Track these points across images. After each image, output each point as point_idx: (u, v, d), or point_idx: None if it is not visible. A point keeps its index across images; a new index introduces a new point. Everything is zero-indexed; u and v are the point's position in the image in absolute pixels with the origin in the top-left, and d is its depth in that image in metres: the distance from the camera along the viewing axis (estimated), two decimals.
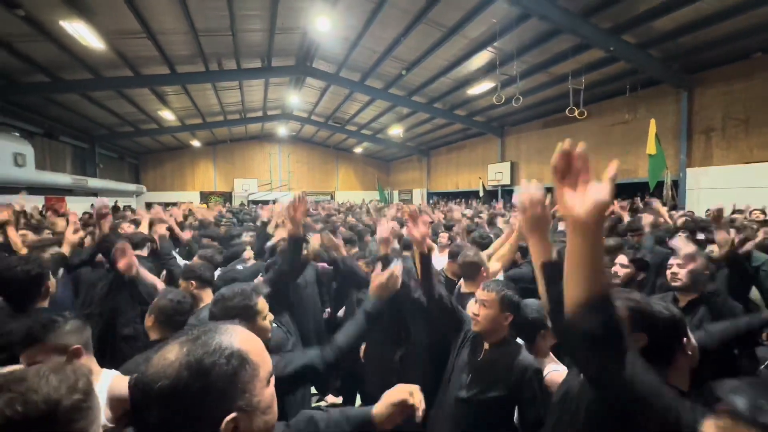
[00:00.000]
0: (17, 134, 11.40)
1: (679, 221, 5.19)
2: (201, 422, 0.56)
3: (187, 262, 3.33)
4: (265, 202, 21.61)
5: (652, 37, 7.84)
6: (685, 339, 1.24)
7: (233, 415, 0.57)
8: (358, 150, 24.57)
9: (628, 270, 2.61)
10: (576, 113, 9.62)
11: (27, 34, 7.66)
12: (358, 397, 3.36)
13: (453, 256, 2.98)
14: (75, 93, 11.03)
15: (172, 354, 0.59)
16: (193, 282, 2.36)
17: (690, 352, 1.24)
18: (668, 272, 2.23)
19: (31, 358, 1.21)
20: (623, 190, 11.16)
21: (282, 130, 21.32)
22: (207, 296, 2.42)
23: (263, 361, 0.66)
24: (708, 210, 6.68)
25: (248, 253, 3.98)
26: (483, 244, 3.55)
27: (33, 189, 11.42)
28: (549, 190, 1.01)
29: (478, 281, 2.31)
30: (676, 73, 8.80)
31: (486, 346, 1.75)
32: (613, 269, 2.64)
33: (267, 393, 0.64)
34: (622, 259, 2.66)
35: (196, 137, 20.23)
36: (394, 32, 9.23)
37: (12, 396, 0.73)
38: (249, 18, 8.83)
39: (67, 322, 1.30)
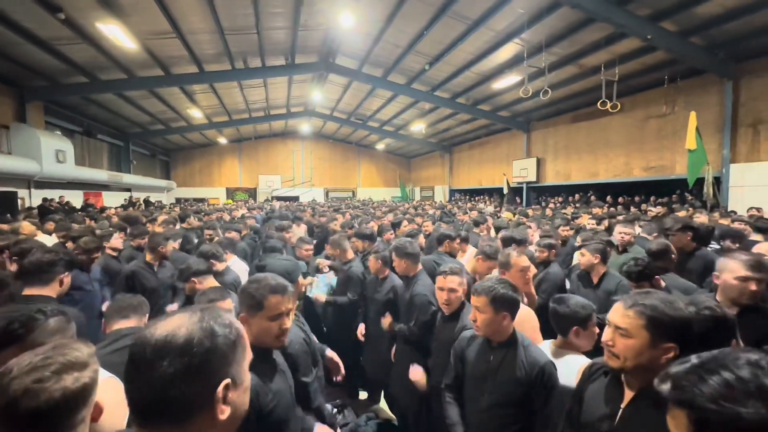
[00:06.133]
0: (59, 132, 12.10)
1: (722, 221, 4.80)
2: (204, 379, 0.62)
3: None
4: (288, 199, 22.05)
5: (694, 23, 7.32)
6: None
7: (229, 379, 0.64)
8: (380, 146, 24.53)
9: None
10: (608, 106, 9.15)
11: (67, 37, 8.09)
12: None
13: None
14: (111, 92, 11.56)
15: (181, 319, 0.65)
16: (194, 280, 2.47)
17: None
18: None
19: None
20: (659, 188, 10.57)
21: (305, 126, 21.59)
22: (212, 284, 2.53)
23: (248, 348, 0.72)
24: (750, 209, 6.20)
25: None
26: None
27: (72, 184, 12.14)
28: (576, 187, 0.93)
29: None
30: (721, 62, 8.18)
31: (493, 345, 1.70)
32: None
33: (248, 376, 0.72)
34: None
35: (223, 134, 20.84)
36: (418, 26, 9.09)
37: None
38: (273, 16, 8.94)
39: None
